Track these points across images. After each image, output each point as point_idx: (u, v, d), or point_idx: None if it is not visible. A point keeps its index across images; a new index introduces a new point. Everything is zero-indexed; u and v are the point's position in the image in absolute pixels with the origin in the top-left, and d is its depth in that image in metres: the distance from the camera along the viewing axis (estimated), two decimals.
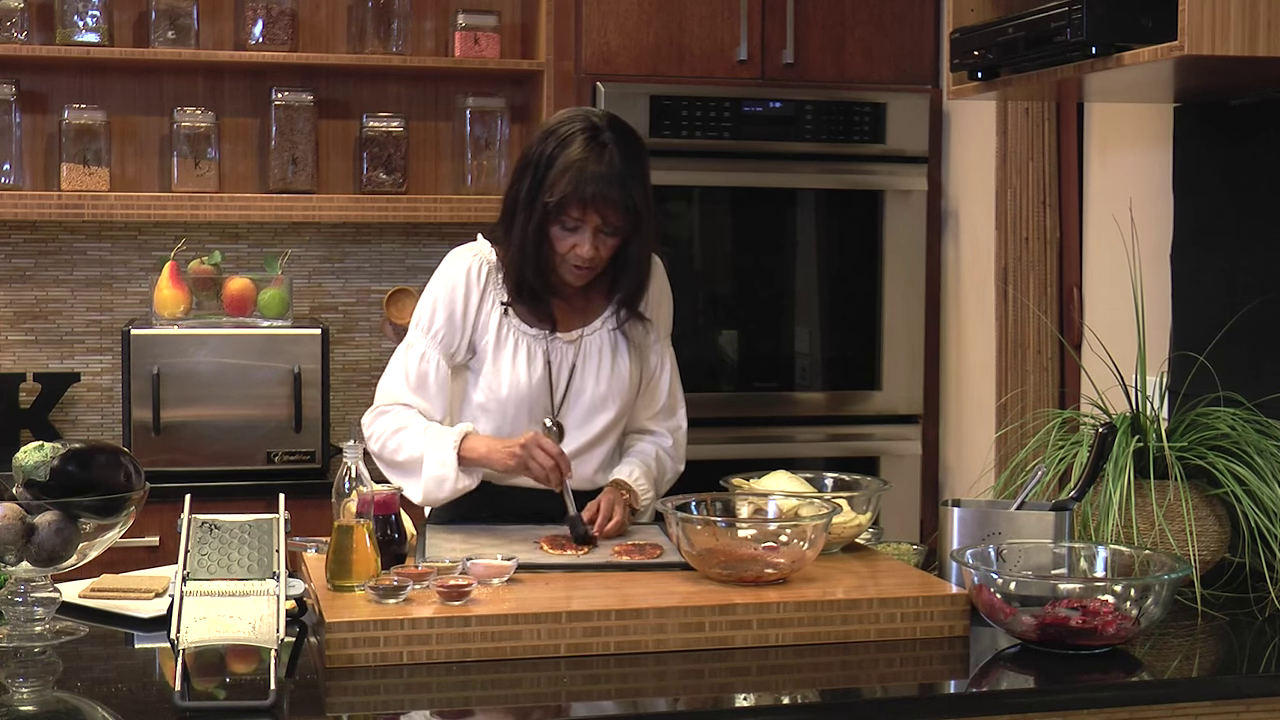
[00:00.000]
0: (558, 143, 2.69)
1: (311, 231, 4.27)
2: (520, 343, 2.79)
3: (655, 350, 2.90)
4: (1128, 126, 3.34)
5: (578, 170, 2.65)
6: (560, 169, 2.66)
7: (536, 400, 2.78)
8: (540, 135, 2.75)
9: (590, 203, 2.66)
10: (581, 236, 2.69)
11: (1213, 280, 2.97)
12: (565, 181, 2.65)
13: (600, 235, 2.69)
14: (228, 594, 2.02)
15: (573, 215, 2.67)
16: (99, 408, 4.15)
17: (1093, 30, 2.46)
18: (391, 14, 4.10)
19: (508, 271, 2.78)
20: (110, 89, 4.09)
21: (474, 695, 2.04)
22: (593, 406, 2.79)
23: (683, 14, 3.96)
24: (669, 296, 2.94)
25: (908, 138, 4.08)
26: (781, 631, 2.19)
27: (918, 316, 4.14)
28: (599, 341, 2.82)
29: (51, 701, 2.01)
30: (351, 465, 2.31)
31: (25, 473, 2.21)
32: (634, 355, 2.85)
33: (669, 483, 2.90)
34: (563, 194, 2.65)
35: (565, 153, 2.67)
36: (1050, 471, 2.62)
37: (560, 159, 2.67)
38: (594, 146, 2.67)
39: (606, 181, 2.65)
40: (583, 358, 2.81)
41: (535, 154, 2.72)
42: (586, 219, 2.68)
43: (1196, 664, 2.30)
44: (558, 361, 2.80)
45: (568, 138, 2.69)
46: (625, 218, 2.69)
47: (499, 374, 2.78)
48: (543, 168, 2.69)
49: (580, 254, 2.69)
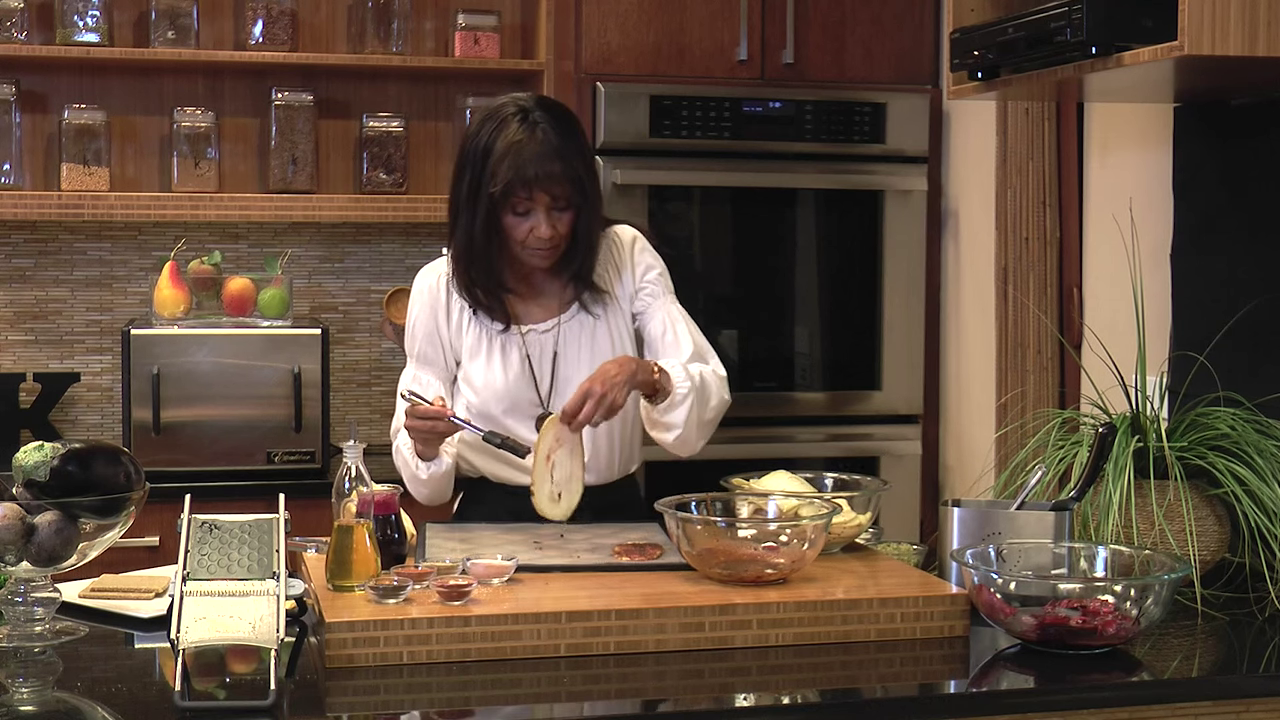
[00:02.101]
0: (490, 133, 2.71)
1: (311, 231, 4.27)
2: (494, 342, 2.81)
3: (658, 309, 2.86)
4: (1128, 126, 3.34)
5: (515, 153, 2.67)
6: (498, 156, 2.68)
7: (520, 395, 2.79)
8: (471, 131, 2.78)
9: (535, 182, 2.67)
10: (536, 218, 2.70)
11: (1213, 280, 2.97)
12: (506, 166, 2.67)
13: (553, 213, 2.71)
14: (228, 594, 2.02)
15: (521, 198, 2.69)
16: (99, 408, 4.16)
17: (1093, 30, 2.46)
18: (391, 14, 4.10)
19: (456, 273, 2.80)
20: (110, 89, 4.10)
21: (474, 695, 2.04)
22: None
23: (683, 14, 3.96)
24: (655, 256, 2.91)
25: (908, 138, 4.08)
26: (781, 631, 2.19)
27: (918, 316, 4.14)
28: (576, 327, 2.83)
29: (51, 701, 2.01)
30: (351, 465, 2.31)
31: (25, 473, 2.21)
32: (615, 333, 2.84)
33: (715, 409, 2.80)
34: (506, 179, 2.67)
35: (500, 139, 2.69)
36: (1050, 471, 2.62)
37: (496, 147, 2.69)
38: (526, 126, 2.69)
39: (546, 158, 2.67)
40: (563, 344, 2.81)
41: (470, 149, 2.74)
42: (536, 199, 2.69)
43: (1196, 664, 2.30)
44: (537, 354, 2.80)
45: (499, 125, 2.71)
46: (573, 190, 2.70)
47: (476, 373, 2.81)
48: (479, 160, 2.71)
49: (540, 235, 2.71)
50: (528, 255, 2.75)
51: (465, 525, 2.72)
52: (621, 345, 2.85)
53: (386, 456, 4.01)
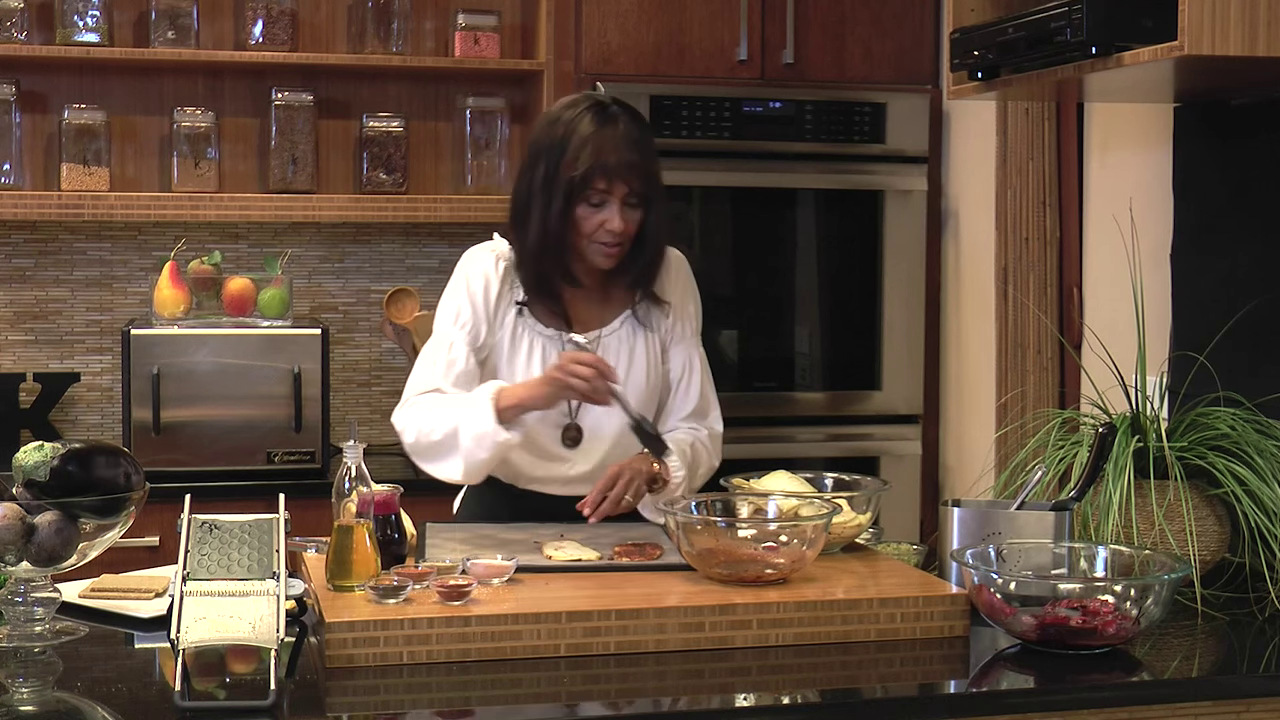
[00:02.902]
0: (568, 123, 2.69)
1: (311, 231, 4.27)
2: (535, 344, 2.77)
3: (683, 349, 2.87)
4: (1128, 126, 3.34)
5: (596, 141, 2.65)
6: (578, 144, 2.66)
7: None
8: (545, 123, 2.74)
9: (615, 171, 2.65)
10: (609, 211, 2.67)
11: (1213, 280, 2.97)
12: (587, 153, 2.65)
13: (625, 208, 2.68)
14: (228, 594, 2.02)
15: (598, 187, 2.66)
16: (99, 408, 4.16)
17: (1093, 30, 2.46)
18: (391, 14, 4.10)
19: (524, 266, 2.75)
20: (110, 89, 4.10)
21: (474, 695, 2.04)
22: (607, 411, 2.75)
23: (683, 14, 3.96)
24: (695, 293, 2.91)
25: (908, 138, 4.08)
26: (781, 631, 2.19)
27: (918, 316, 4.14)
28: (616, 342, 2.80)
29: (51, 701, 2.01)
30: (351, 465, 2.31)
31: (25, 473, 2.21)
32: (652, 352, 2.83)
33: (704, 476, 2.85)
34: (587, 166, 2.64)
35: (578, 129, 2.67)
36: (1050, 471, 2.62)
37: (575, 136, 2.67)
38: (605, 118, 2.68)
39: (627, 148, 2.66)
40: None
41: (545, 139, 2.71)
42: (613, 189, 2.67)
43: (1196, 664, 2.30)
44: None
45: (577, 117, 2.69)
46: (648, 185, 2.69)
47: (513, 377, 2.76)
48: (558, 149, 2.68)
49: (611, 228, 2.67)
50: (593, 251, 2.72)
51: (466, 525, 2.72)
52: (655, 366, 2.83)
53: (387, 456, 4.04)
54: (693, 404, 2.87)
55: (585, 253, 2.73)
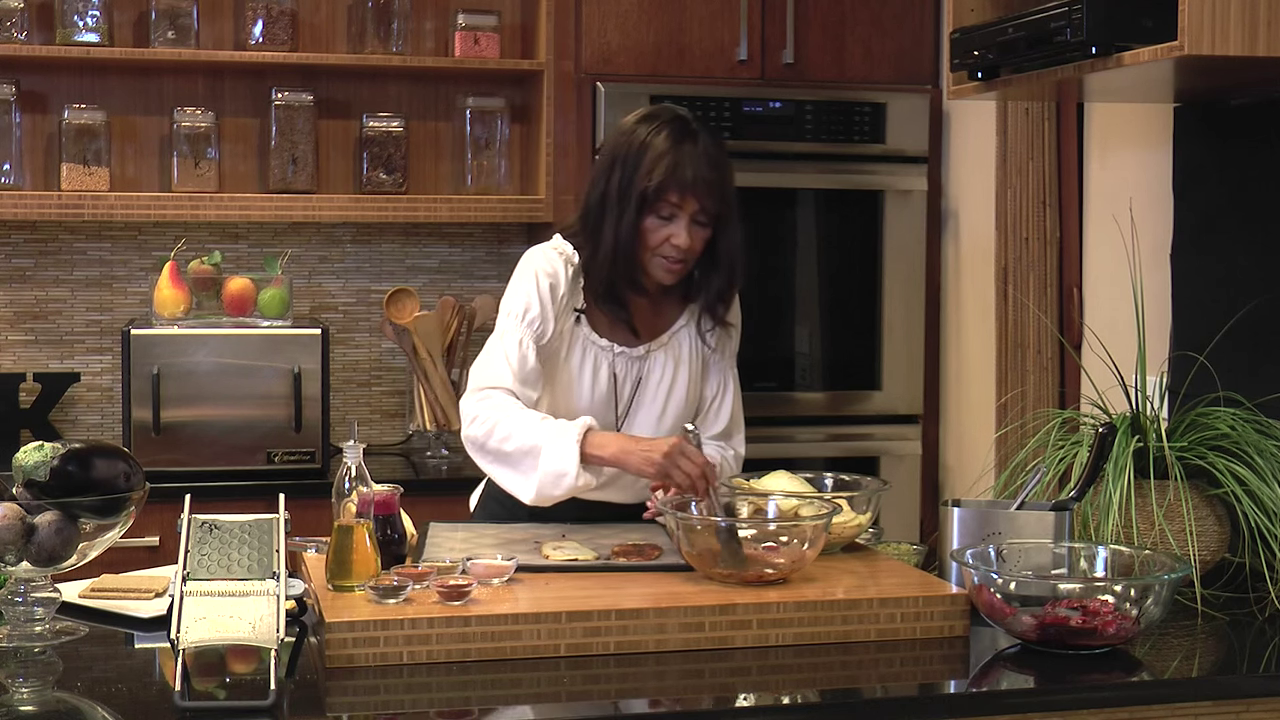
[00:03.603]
0: (646, 133, 2.67)
1: (311, 231, 4.27)
2: (588, 354, 2.76)
3: (720, 369, 2.86)
4: (1128, 126, 3.34)
5: (674, 155, 2.64)
6: (655, 155, 2.65)
7: (598, 414, 2.71)
8: (624, 130, 2.72)
9: (690, 186, 2.64)
10: (678, 225, 2.66)
11: (1213, 280, 2.97)
12: (664, 166, 2.63)
13: (694, 225, 2.67)
14: (228, 594, 2.02)
15: (670, 201, 2.65)
16: (99, 408, 4.16)
17: (1093, 30, 2.46)
18: (391, 14, 4.10)
19: (593, 273, 2.73)
20: (110, 89, 4.10)
21: (474, 695, 2.04)
22: (647, 423, 2.76)
23: (683, 14, 3.96)
24: (739, 318, 2.90)
25: (908, 138, 4.08)
26: (781, 631, 2.19)
27: (918, 316, 4.14)
28: (663, 357, 2.79)
29: (51, 701, 2.01)
30: (351, 465, 2.31)
31: (25, 473, 2.21)
32: (695, 368, 2.82)
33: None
34: (662, 178, 2.63)
35: (657, 140, 2.66)
36: (1050, 471, 2.62)
37: (652, 147, 2.65)
38: (685, 134, 2.67)
39: (704, 165, 2.65)
40: (647, 372, 2.78)
41: (623, 148, 2.69)
42: (684, 205, 2.66)
43: (1196, 664, 2.30)
44: (623, 375, 2.77)
45: (656, 128, 2.67)
46: (721, 204, 2.68)
47: (564, 384, 2.75)
48: (634, 158, 2.66)
49: (677, 244, 2.66)
50: (655, 265, 2.70)
51: (466, 525, 2.72)
52: (695, 382, 2.81)
53: (387, 456, 4.04)
54: (721, 425, 2.88)
55: (648, 266, 2.71)
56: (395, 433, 4.31)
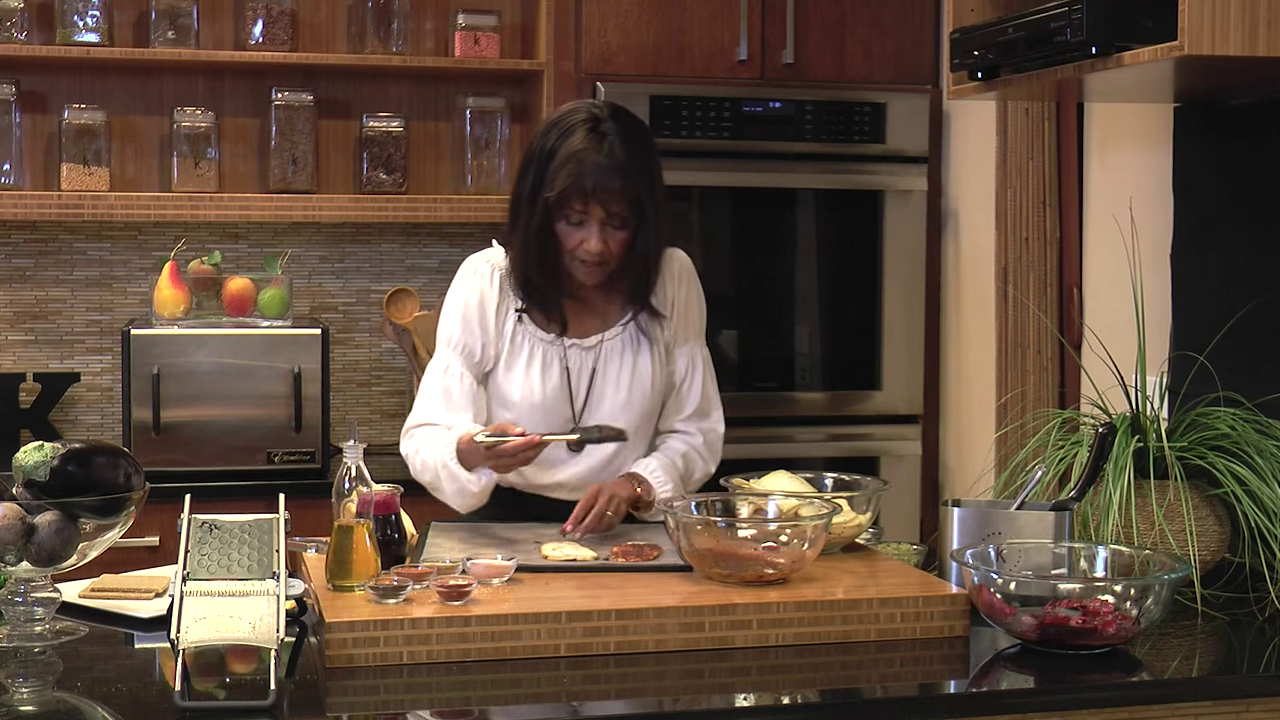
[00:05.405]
0: (559, 135, 2.65)
1: (311, 231, 4.27)
2: (535, 350, 2.76)
3: (687, 350, 2.85)
4: (1128, 126, 3.34)
5: (577, 162, 2.61)
6: (560, 161, 2.63)
7: (554, 409, 2.73)
8: (542, 129, 2.72)
9: (592, 195, 2.61)
10: (588, 231, 2.65)
11: (1213, 280, 2.97)
12: (565, 174, 2.62)
13: (607, 229, 2.66)
14: (228, 594, 2.02)
15: (575, 209, 2.64)
16: (99, 408, 4.16)
17: (1093, 30, 2.46)
18: (391, 14, 4.10)
19: (515, 272, 2.74)
20: (110, 89, 4.09)
21: (474, 695, 2.04)
22: (613, 413, 2.75)
23: (683, 14, 3.96)
24: (699, 294, 2.88)
25: (908, 138, 4.08)
26: (781, 631, 2.19)
27: (918, 316, 4.14)
28: (619, 346, 2.78)
29: (51, 701, 2.01)
30: (351, 465, 2.31)
31: (25, 473, 2.21)
32: (656, 358, 2.80)
33: (699, 482, 2.86)
34: (563, 187, 2.62)
35: (566, 144, 2.63)
36: (1050, 471, 2.62)
37: (561, 151, 2.63)
38: (594, 137, 2.63)
39: (607, 172, 2.61)
40: (603, 363, 2.77)
41: (537, 149, 2.68)
42: (590, 212, 2.64)
43: (1196, 664, 2.30)
44: (576, 368, 2.76)
45: (568, 129, 2.65)
46: (630, 209, 2.65)
47: (513, 383, 2.75)
48: (543, 162, 2.65)
49: (588, 249, 2.65)
50: (575, 267, 2.69)
51: (466, 525, 2.72)
52: (659, 369, 2.81)
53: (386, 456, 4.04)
54: (694, 404, 2.86)
55: (569, 267, 2.71)
56: (395, 433, 4.29)
